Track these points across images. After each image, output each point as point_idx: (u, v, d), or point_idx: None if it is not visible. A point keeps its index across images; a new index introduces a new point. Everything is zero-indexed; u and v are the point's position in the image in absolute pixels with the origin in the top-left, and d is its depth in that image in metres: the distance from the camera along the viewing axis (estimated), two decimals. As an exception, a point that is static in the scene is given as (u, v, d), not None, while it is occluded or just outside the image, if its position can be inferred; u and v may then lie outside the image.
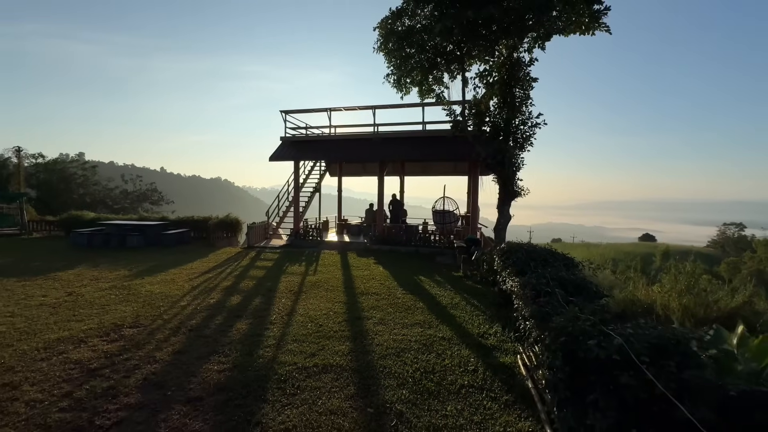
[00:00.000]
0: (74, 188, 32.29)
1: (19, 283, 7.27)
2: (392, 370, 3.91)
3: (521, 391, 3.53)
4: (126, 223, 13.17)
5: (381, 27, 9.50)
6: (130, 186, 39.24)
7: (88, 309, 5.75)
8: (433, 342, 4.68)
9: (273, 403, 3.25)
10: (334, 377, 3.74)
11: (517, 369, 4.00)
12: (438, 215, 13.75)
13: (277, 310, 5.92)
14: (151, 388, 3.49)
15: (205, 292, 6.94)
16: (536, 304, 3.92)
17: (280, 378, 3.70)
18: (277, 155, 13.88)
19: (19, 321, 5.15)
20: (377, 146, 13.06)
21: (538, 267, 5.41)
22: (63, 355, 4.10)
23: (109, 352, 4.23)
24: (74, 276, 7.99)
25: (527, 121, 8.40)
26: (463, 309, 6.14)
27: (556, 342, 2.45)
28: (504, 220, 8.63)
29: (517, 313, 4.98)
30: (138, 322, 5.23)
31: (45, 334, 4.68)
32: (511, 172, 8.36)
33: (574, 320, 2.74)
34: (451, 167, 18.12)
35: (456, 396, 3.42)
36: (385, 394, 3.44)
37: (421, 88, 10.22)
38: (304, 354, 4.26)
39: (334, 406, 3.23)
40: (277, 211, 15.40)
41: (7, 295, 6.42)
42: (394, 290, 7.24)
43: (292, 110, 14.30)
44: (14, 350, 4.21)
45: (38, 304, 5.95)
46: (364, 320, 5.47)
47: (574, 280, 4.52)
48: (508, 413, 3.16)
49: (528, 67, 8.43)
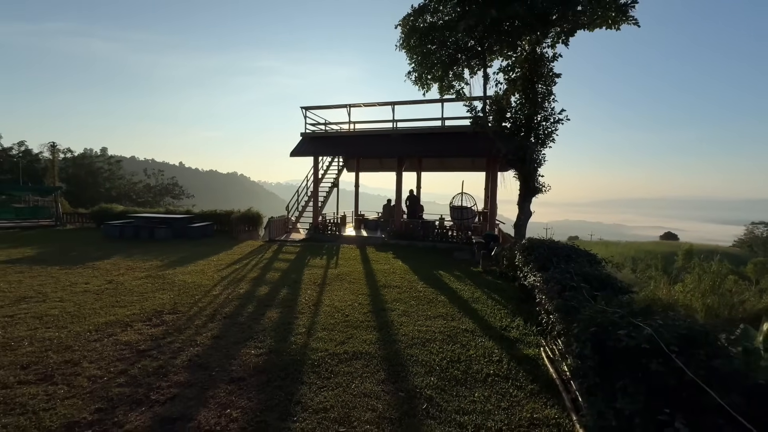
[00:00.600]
0: (101, 182, 33.60)
1: (63, 271, 7.75)
2: (419, 358, 4.09)
3: (546, 381, 3.66)
4: (154, 216, 13.72)
5: (403, 24, 9.58)
6: (152, 180, 40.55)
7: (128, 296, 6.12)
8: (456, 333, 4.83)
9: (310, 385, 3.48)
10: (364, 363, 3.94)
11: (541, 361, 4.12)
12: (456, 211, 13.81)
13: (304, 300, 6.17)
14: (196, 368, 3.76)
15: (235, 282, 7.26)
16: (561, 298, 4.02)
17: (313, 363, 3.92)
18: (298, 151, 14.17)
19: (69, 306, 5.54)
20: (396, 142, 13.18)
21: (561, 263, 5.48)
22: (113, 337, 4.44)
23: (154, 335, 4.54)
24: (111, 265, 8.45)
25: (549, 117, 8.38)
26: (485, 303, 6.26)
27: (586, 332, 2.57)
28: (524, 216, 8.66)
29: (539, 307, 5.08)
30: (176, 309, 5.56)
31: (93, 318, 5.04)
32: (532, 169, 8.37)
33: (602, 312, 2.85)
34: (469, 163, 18.11)
35: (482, 384, 3.57)
36: (414, 380, 3.62)
37: (441, 84, 10.29)
38: (334, 342, 4.48)
39: (367, 389, 3.43)
40: (296, 205, 15.74)
41: (53, 282, 6.88)
42: (414, 284, 7.40)
43: (312, 106, 14.54)
44: (69, 332, 4.57)
45: (83, 291, 6.37)
46: (388, 312, 5.66)
47: (598, 276, 4.59)
48: (533, 401, 3.30)
49: (551, 62, 8.39)
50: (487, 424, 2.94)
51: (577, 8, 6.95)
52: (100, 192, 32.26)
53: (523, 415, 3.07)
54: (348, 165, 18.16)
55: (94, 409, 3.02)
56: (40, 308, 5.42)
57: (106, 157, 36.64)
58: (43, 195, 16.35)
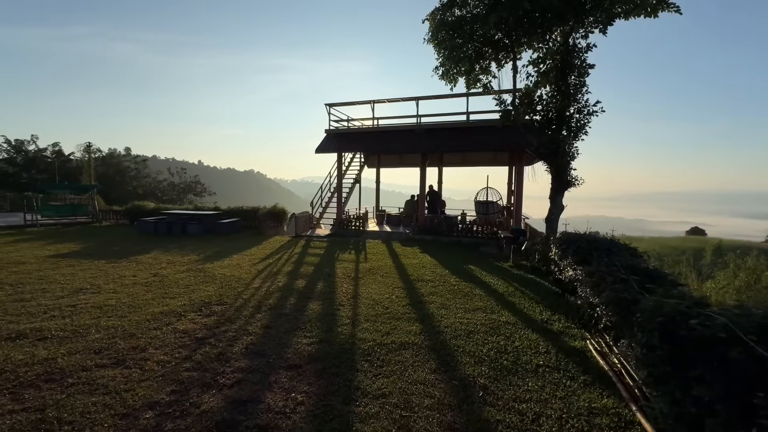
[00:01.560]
0: (128, 180, 34.82)
1: (109, 265, 8.14)
2: (466, 348, 4.16)
3: (597, 372, 3.67)
4: (185, 213, 14.17)
5: (431, 19, 9.55)
6: (176, 178, 41.73)
7: (175, 288, 6.40)
8: (498, 326, 4.88)
9: (365, 373, 3.60)
10: (413, 353, 4.04)
11: (589, 353, 4.13)
12: (481, 206, 13.75)
13: (342, 293, 6.32)
14: (254, 355, 3.94)
15: (272, 275, 7.48)
16: (612, 290, 4.01)
17: (364, 352, 4.05)
18: (323, 147, 14.35)
19: (123, 297, 5.85)
20: (421, 137, 13.19)
21: (603, 256, 5.44)
22: (170, 326, 4.67)
23: (208, 324, 4.76)
24: (152, 259, 8.81)
25: (583, 110, 8.24)
26: (521, 297, 6.26)
27: (653, 321, 2.59)
28: (557, 210, 8.57)
29: (582, 300, 5.07)
30: (222, 300, 5.79)
31: (148, 308, 5.31)
32: (565, 162, 8.27)
33: (666, 302, 2.86)
34: (491, 157, 17.94)
35: (534, 374, 3.62)
36: (465, 369, 3.70)
37: (468, 78, 10.20)
38: (379, 332, 4.59)
39: (420, 377, 3.53)
40: (320, 201, 15.97)
41: (104, 275, 7.24)
42: (446, 277, 7.46)
43: (336, 103, 14.68)
44: (129, 320, 4.83)
45: (132, 283, 6.69)
46: (426, 304, 5.75)
47: (646, 269, 4.56)
48: (588, 391, 3.33)
49: (585, 53, 8.24)
50: (546, 412, 3.00)
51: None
52: (128, 190, 33.44)
53: (581, 405, 3.10)
54: (368, 161, 18.29)
55: (170, 391, 3.22)
56: (98, 299, 5.73)
57: (132, 157, 37.92)
58: (80, 193, 17.11)
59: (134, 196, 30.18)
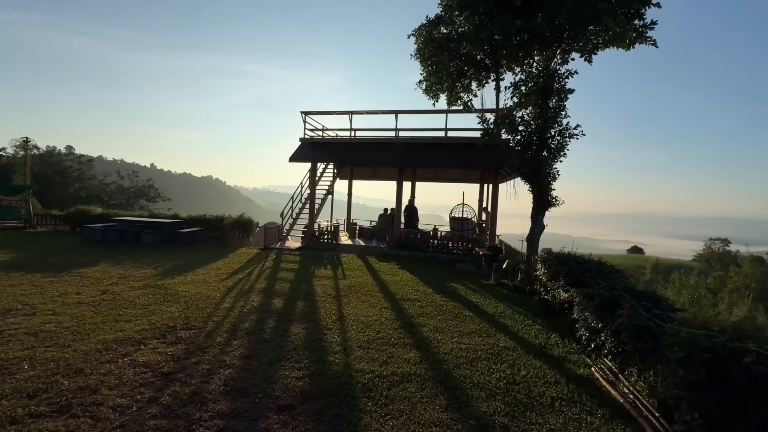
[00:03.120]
0: (70, 182, 31.52)
1: (46, 279, 6.99)
2: (473, 380, 3.84)
3: (612, 404, 3.49)
4: (139, 220, 12.84)
5: (417, 35, 9.51)
6: (126, 182, 38.51)
7: (131, 309, 5.54)
8: (499, 352, 4.62)
9: (370, 413, 3.15)
10: (418, 387, 3.65)
11: (597, 382, 3.96)
12: (456, 222, 13.75)
13: (326, 314, 5.80)
14: (236, 394, 3.35)
15: (244, 293, 6.77)
16: (620, 316, 3.90)
17: (364, 386, 3.59)
18: (297, 156, 13.74)
19: (65, 320, 4.93)
20: (399, 151, 13.03)
21: (596, 278, 5.42)
22: (128, 358, 3.93)
23: (175, 355, 4.06)
24: (100, 273, 7.72)
25: (564, 132, 8.46)
26: (511, 318, 6.09)
27: (699, 358, 2.42)
28: (538, 229, 8.65)
29: (581, 324, 4.97)
30: (189, 324, 5.06)
31: (99, 335, 4.48)
32: (546, 182, 8.40)
33: (695, 333, 2.72)
34: (463, 174, 18.21)
35: (551, 409, 3.36)
36: (478, 405, 3.36)
37: (450, 95, 10.24)
38: (375, 362, 4.16)
39: (433, 417, 3.14)
40: (291, 212, 15.22)
41: (39, 292, 6.16)
42: (432, 296, 7.17)
43: (312, 112, 14.21)
44: (74, 351, 4.01)
45: (76, 303, 5.72)
46: (418, 327, 5.39)
47: (645, 292, 4.54)
48: (611, 428, 3.11)
49: (565, 78, 8.52)
50: (578, 456, 2.73)
51: (599, 27, 7.07)
52: (69, 192, 30.22)
53: (610, 445, 2.87)
54: (341, 173, 17.83)
55: (133, 449, 2.58)
56: (32, 323, 4.78)
57: (76, 156, 34.51)
58: (11, 194, 15.02)
59: (76, 200, 27.31)
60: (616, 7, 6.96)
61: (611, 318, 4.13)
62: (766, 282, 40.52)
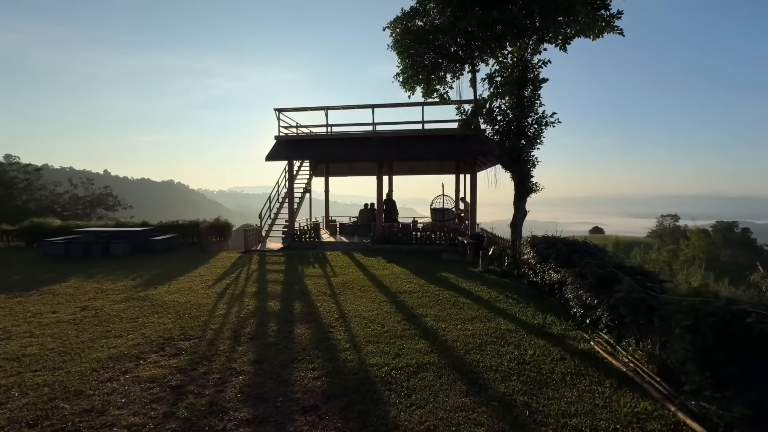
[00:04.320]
0: (16, 194, 28.88)
1: (13, 300, 6.43)
2: (486, 363, 3.96)
3: (616, 373, 3.72)
4: (105, 230, 12.05)
5: (393, 27, 9.48)
6: (80, 190, 35.84)
7: (118, 324, 5.22)
8: (503, 335, 4.78)
9: (396, 405, 3.18)
10: (435, 375, 3.72)
11: (599, 354, 4.19)
12: (438, 213, 13.96)
13: (325, 312, 5.75)
14: (255, 400, 3.26)
15: (236, 298, 6.56)
16: (618, 291, 4.14)
17: (382, 380, 3.61)
18: (273, 155, 13.37)
19: (48, 342, 4.57)
20: (377, 145, 12.99)
21: (584, 257, 5.71)
22: (130, 374, 3.71)
23: (180, 367, 3.88)
24: (73, 289, 7.20)
25: (541, 120, 8.78)
26: (506, 302, 6.29)
27: (706, 322, 2.63)
28: (521, 215, 8.96)
29: (575, 302, 5.23)
30: (187, 334, 4.84)
31: (90, 353, 4.20)
32: (526, 170, 8.70)
33: (694, 301, 2.95)
34: (438, 166, 18.48)
35: (564, 384, 3.54)
36: (497, 387, 3.48)
37: (427, 87, 10.32)
38: (388, 355, 4.18)
39: (457, 402, 3.22)
40: (269, 213, 14.83)
41: (8, 314, 5.66)
42: (425, 287, 7.27)
43: (286, 108, 13.84)
44: (67, 373, 3.74)
45: (54, 322, 5.31)
46: (420, 318, 5.46)
47: (634, 268, 4.83)
48: (622, 395, 3.32)
49: (538, 68, 8.82)
50: (600, 425, 2.89)
51: (575, 17, 7.35)
52: (16, 206, 27.71)
53: (624, 411, 3.06)
54: (317, 170, 17.55)
55: (161, 467, 2.46)
56: (10, 347, 4.40)
57: (22, 166, 31.66)
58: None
59: (25, 213, 25.17)
60: (585, -3, 7.29)
61: (607, 294, 4.38)
62: (711, 252, 44.40)
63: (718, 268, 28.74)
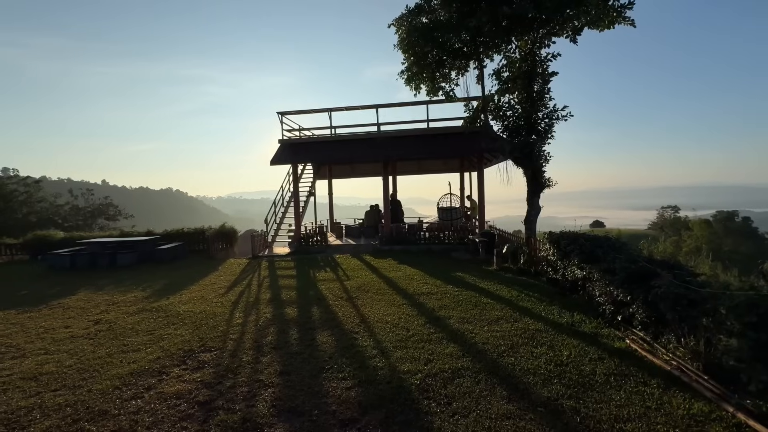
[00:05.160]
0: (16, 207, 28.68)
1: (24, 315, 6.27)
2: (522, 366, 3.81)
3: (661, 373, 3.57)
4: (110, 241, 11.87)
5: (398, 24, 9.35)
6: (80, 201, 35.64)
7: (135, 337, 5.07)
8: (533, 335, 4.64)
9: (438, 415, 3.03)
10: (472, 381, 3.57)
11: (637, 353, 4.05)
12: (446, 212, 13.83)
13: (346, 318, 5.59)
14: (290, 414, 3.11)
15: (251, 306, 6.41)
16: (657, 286, 3.99)
17: (418, 388, 3.46)
18: (278, 158, 13.23)
19: (65, 358, 4.41)
20: (383, 146, 12.85)
21: (609, 252, 5.56)
22: (153, 390, 3.56)
23: (205, 381, 3.73)
24: (83, 302, 7.04)
25: (552, 114, 8.64)
26: (528, 300, 6.15)
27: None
28: (534, 212, 8.82)
29: (603, 298, 5.08)
30: (207, 345, 4.69)
31: (110, 370, 4.05)
32: (539, 165, 8.56)
33: (751, 296, 2.81)
34: (442, 164, 18.35)
35: (609, 386, 3.39)
36: (539, 391, 3.33)
37: (432, 85, 10.18)
38: (419, 361, 4.03)
39: (501, 410, 3.07)
40: (274, 218, 14.68)
41: (20, 330, 5.50)
42: (443, 288, 7.12)
43: (289, 111, 13.70)
44: (88, 391, 3.58)
45: (68, 337, 5.15)
46: (444, 320, 5.32)
47: (666, 262, 4.69)
48: (673, 396, 3.17)
49: (547, 62, 8.68)
50: (657, 429, 2.75)
51: (582, 8, 7.22)
52: (17, 219, 27.52)
53: (680, 413, 2.92)
54: (319, 173, 17.40)
55: (202, 492, 2.30)
56: (26, 366, 4.24)
57: (21, 178, 31.49)
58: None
59: (26, 226, 24.99)
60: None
61: (642, 289, 4.24)
62: (713, 242, 44.34)
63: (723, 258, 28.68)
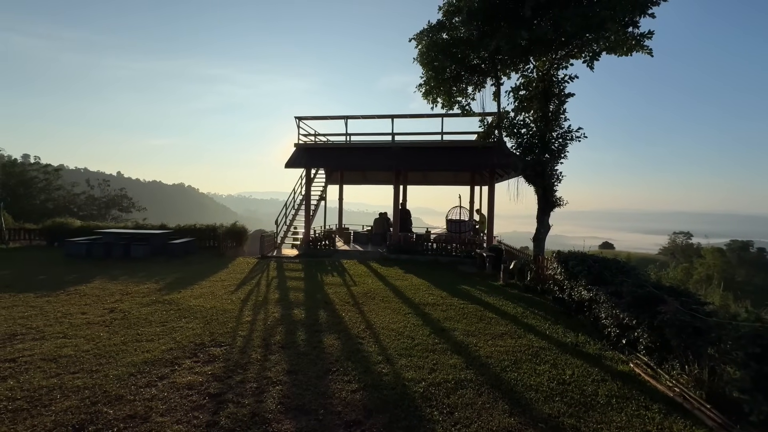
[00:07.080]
0: (35, 193, 29.51)
1: (43, 300, 6.50)
2: (525, 382, 3.87)
3: (663, 398, 3.61)
4: (126, 232, 12.19)
5: (418, 39, 9.59)
6: (97, 191, 36.51)
7: (148, 327, 5.24)
8: (537, 352, 4.69)
9: (440, 423, 3.11)
10: (475, 392, 3.64)
11: (640, 377, 4.08)
12: (454, 224, 13.90)
13: (352, 323, 5.70)
14: (296, 412, 3.22)
15: (260, 305, 6.55)
16: (663, 312, 4.03)
17: (422, 395, 3.54)
18: (293, 162, 13.49)
19: (82, 343, 4.59)
20: (396, 155, 13.04)
21: (617, 275, 5.59)
22: (167, 380, 3.70)
23: (216, 374, 3.86)
24: (98, 290, 7.26)
25: (566, 135, 8.74)
26: (534, 318, 6.19)
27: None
28: (544, 230, 8.87)
29: (608, 321, 5.11)
30: (217, 340, 4.83)
31: (125, 357, 4.21)
32: (550, 184, 8.64)
33: (756, 327, 2.86)
34: (452, 177, 18.48)
35: (611, 407, 3.43)
36: (541, 407, 3.39)
37: (449, 99, 10.37)
38: (423, 369, 4.12)
39: (503, 423, 3.14)
40: (284, 219, 14.90)
41: (40, 314, 5.72)
42: (448, 300, 7.19)
43: (306, 116, 14.00)
44: (105, 376, 3.74)
45: (85, 323, 5.35)
46: (449, 332, 5.39)
47: (674, 288, 4.72)
48: (673, 422, 3.21)
49: (565, 83, 8.81)
50: (656, 452, 2.79)
51: (603, 33, 7.35)
52: (35, 204, 28.30)
53: (680, 439, 2.96)
54: (331, 178, 17.65)
55: (213, 479, 2.42)
56: (45, 347, 4.43)
57: (42, 166, 32.42)
58: (-23, 208, 13.89)
59: (43, 212, 25.71)
60: (616, 15, 7.28)
61: (648, 314, 4.28)
62: (726, 271, 43.31)
63: (735, 288, 27.99)
